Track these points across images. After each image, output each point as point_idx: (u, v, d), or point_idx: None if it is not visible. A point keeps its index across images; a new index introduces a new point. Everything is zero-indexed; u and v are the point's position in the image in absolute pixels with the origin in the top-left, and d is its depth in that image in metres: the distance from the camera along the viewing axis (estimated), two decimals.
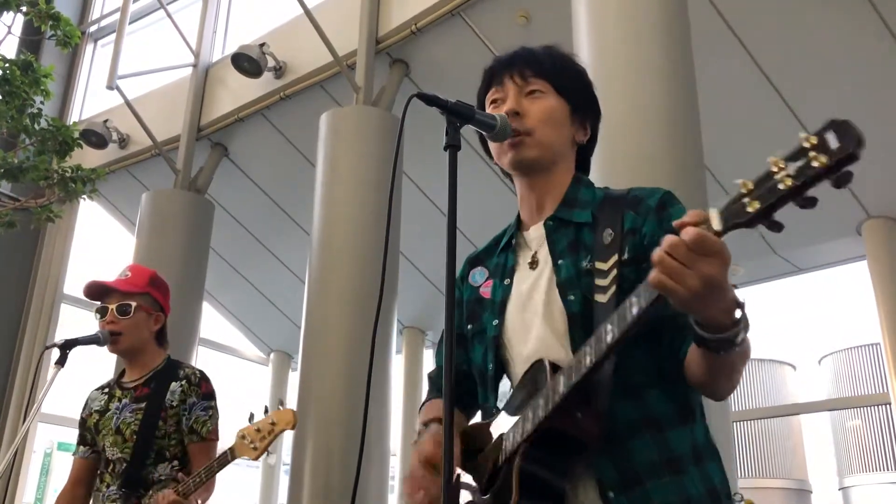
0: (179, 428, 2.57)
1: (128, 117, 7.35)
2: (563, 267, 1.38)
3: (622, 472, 1.25)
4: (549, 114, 1.47)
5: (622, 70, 4.06)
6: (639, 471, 1.24)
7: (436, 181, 6.77)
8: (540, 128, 1.45)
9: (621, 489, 1.24)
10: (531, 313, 1.41)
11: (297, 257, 7.37)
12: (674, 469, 1.25)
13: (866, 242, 6.36)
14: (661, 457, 1.26)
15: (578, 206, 1.44)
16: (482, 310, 1.51)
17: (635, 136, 3.93)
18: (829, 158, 0.91)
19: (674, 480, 1.25)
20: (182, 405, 2.58)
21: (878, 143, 5.76)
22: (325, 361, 5.15)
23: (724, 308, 1.08)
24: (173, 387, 2.60)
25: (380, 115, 5.91)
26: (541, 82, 1.48)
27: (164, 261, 6.88)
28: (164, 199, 7.27)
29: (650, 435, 1.26)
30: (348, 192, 5.54)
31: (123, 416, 2.57)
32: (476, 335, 1.50)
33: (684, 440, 1.29)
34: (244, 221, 8.43)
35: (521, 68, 1.48)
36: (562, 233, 1.43)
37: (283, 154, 7.46)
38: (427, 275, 8.01)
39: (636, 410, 1.27)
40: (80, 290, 2.74)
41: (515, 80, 1.48)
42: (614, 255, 1.32)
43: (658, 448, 1.26)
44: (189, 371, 2.68)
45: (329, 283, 5.36)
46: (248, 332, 10.04)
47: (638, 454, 1.25)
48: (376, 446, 5.03)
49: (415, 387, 8.97)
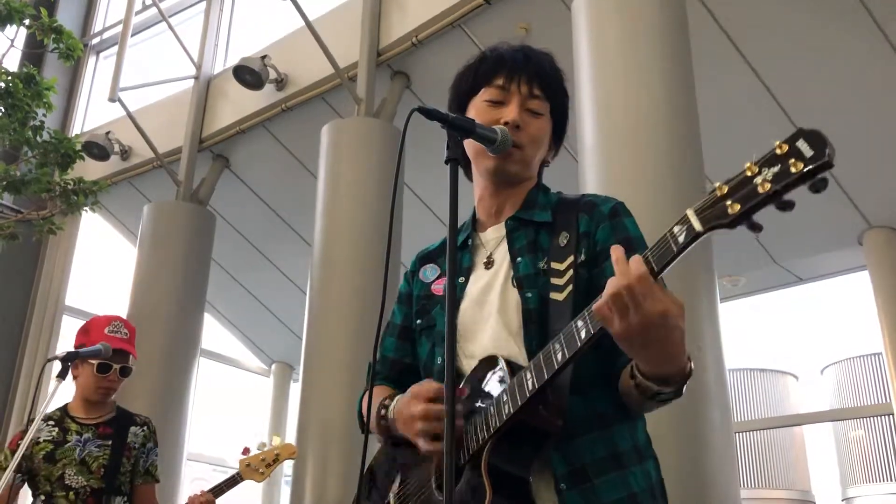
0: (135, 468, 2.83)
1: (130, 129, 7.37)
2: (521, 264, 1.43)
3: (572, 467, 1.30)
4: (542, 136, 1.54)
5: (622, 82, 4.07)
6: (587, 467, 1.30)
7: (437, 193, 6.78)
8: (530, 146, 1.52)
9: (572, 483, 1.29)
10: (486, 311, 1.44)
11: (299, 268, 7.37)
12: (619, 464, 1.31)
13: (867, 252, 6.35)
14: (606, 452, 1.32)
15: (538, 208, 1.51)
16: (432, 305, 1.56)
17: (635, 148, 3.94)
18: (805, 165, 0.97)
19: (619, 475, 1.31)
20: (142, 448, 2.87)
21: (880, 154, 5.78)
22: (326, 373, 5.14)
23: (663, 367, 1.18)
24: (134, 430, 2.86)
25: (381, 126, 5.93)
26: (542, 103, 1.53)
27: (166, 272, 6.89)
28: (165, 210, 7.28)
29: (597, 432, 1.33)
30: (350, 203, 5.55)
31: (89, 450, 2.76)
32: (424, 330, 1.55)
33: (627, 437, 1.35)
34: (246, 232, 8.44)
35: (530, 81, 1.51)
36: (521, 232, 1.48)
37: (285, 165, 7.47)
38: None
39: (585, 407, 1.33)
40: (81, 301, 2.85)
41: (521, 91, 1.51)
42: (570, 257, 1.39)
43: (604, 444, 1.32)
44: (145, 418, 2.96)
45: (330, 294, 5.36)
46: (249, 343, 10.04)
47: (586, 450, 1.31)
48: None
49: None
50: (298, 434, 5.09)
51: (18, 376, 7.88)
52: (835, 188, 6.00)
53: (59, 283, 8.32)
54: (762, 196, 1.00)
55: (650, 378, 1.21)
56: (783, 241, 6.41)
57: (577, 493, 1.29)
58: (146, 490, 2.87)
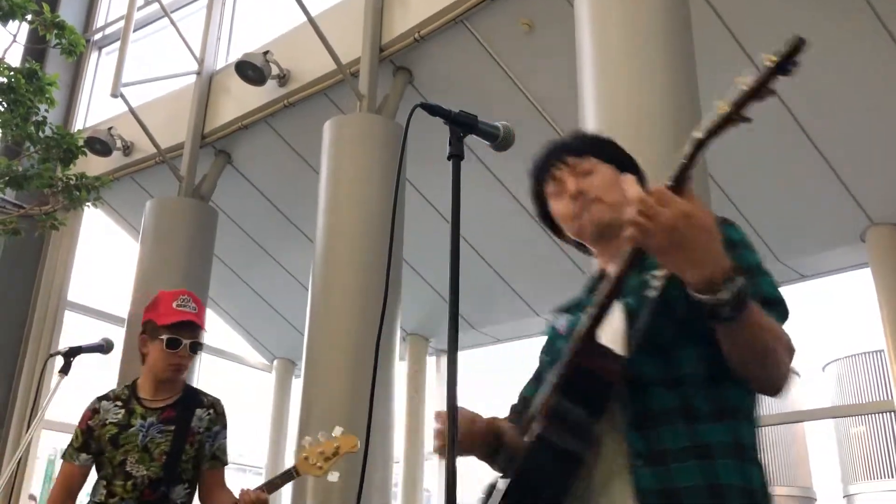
0: (200, 453, 2.70)
1: (132, 125, 7.37)
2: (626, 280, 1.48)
3: (651, 448, 1.34)
4: (605, 181, 1.59)
5: (624, 78, 4.06)
6: (666, 452, 1.33)
7: (440, 189, 6.78)
8: (605, 193, 1.57)
9: (646, 462, 1.33)
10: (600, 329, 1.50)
11: (301, 264, 7.38)
12: (702, 455, 1.32)
13: (870, 249, 6.34)
14: (690, 443, 1.33)
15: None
16: (557, 341, 1.64)
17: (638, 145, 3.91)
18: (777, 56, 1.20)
19: (700, 464, 1.31)
20: (207, 432, 2.73)
21: (883, 150, 5.77)
22: (328, 369, 5.15)
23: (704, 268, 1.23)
24: (199, 413, 2.73)
25: (383, 122, 5.93)
26: (587, 161, 1.61)
27: (168, 268, 6.90)
28: (167, 206, 7.28)
29: (683, 424, 1.35)
30: (352, 199, 5.55)
31: (151, 436, 2.65)
32: (549, 364, 1.61)
33: (718, 434, 1.35)
34: (248, 229, 8.44)
35: (562, 159, 1.62)
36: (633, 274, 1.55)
37: (287, 161, 7.47)
38: (431, 283, 8.02)
39: (673, 400, 1.36)
40: (84, 297, 2.82)
41: (564, 170, 1.61)
42: None
43: (689, 436, 1.34)
44: (213, 399, 2.81)
45: (333, 290, 5.36)
46: (251, 339, 10.05)
47: (668, 438, 1.34)
48: (379, 453, 5.02)
49: (418, 393, 8.97)
50: (300, 430, 5.10)
51: (21, 372, 7.90)
52: (838, 185, 5.99)
53: (61, 278, 8.32)
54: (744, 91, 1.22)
55: (701, 290, 1.24)
56: (786, 239, 6.40)
57: (651, 472, 1.32)
58: (214, 474, 2.74)
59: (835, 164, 5.92)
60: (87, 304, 8.64)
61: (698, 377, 1.37)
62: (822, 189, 5.90)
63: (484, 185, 6.89)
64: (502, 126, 1.61)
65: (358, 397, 4.91)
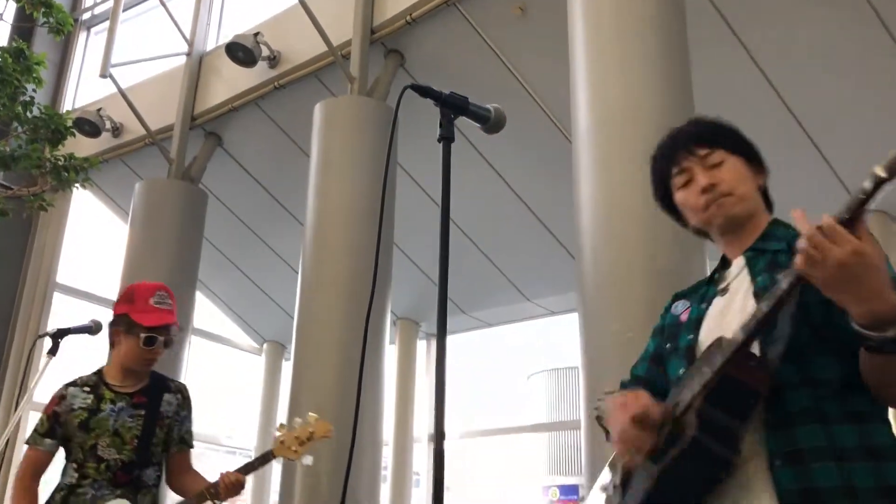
0: (169, 437, 2.78)
1: (121, 106, 7.32)
2: (759, 281, 1.53)
3: (789, 448, 1.37)
4: (736, 175, 1.62)
5: (617, 64, 4.06)
6: (804, 452, 1.36)
7: (431, 173, 6.76)
8: (737, 187, 1.61)
9: (786, 462, 1.36)
10: (726, 324, 1.53)
11: (291, 247, 7.36)
12: (838, 457, 1.36)
13: None
14: (826, 444, 1.37)
15: (774, 240, 1.61)
16: (679, 331, 1.67)
17: (630, 129, 3.93)
18: None
19: (837, 466, 1.35)
20: (176, 416, 2.80)
21: (872, 136, 5.78)
22: (318, 352, 5.15)
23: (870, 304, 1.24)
24: (168, 398, 2.79)
25: (374, 105, 5.90)
26: (716, 152, 1.62)
27: (158, 250, 6.87)
28: (157, 188, 7.24)
29: (819, 425, 1.38)
30: (342, 182, 5.53)
31: (122, 420, 2.68)
32: (673, 352, 1.66)
33: (853, 436, 1.38)
34: (238, 211, 8.41)
35: (692, 146, 1.63)
36: (760, 258, 1.59)
37: (278, 144, 7.44)
38: (421, 267, 8.02)
39: (811, 400, 1.40)
40: (72, 279, 2.82)
41: (693, 160, 1.63)
42: None
43: (825, 437, 1.37)
44: (180, 384, 2.90)
45: (322, 273, 5.35)
46: (241, 322, 10.04)
47: (805, 438, 1.37)
48: (369, 436, 5.04)
49: (408, 377, 8.99)
50: (290, 413, 5.10)
51: (9, 353, 7.87)
52: (826, 170, 6.01)
53: (50, 259, 8.28)
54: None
55: (866, 326, 1.26)
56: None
57: (791, 472, 1.35)
58: (183, 457, 2.83)
59: (821, 146, 5.93)
60: (76, 286, 8.60)
61: (833, 382, 1.41)
62: (806, 170, 5.91)
63: (476, 169, 6.88)
64: (493, 108, 1.60)
65: (347, 380, 4.92)
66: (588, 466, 3.67)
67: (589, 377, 3.77)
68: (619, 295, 3.73)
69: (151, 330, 2.69)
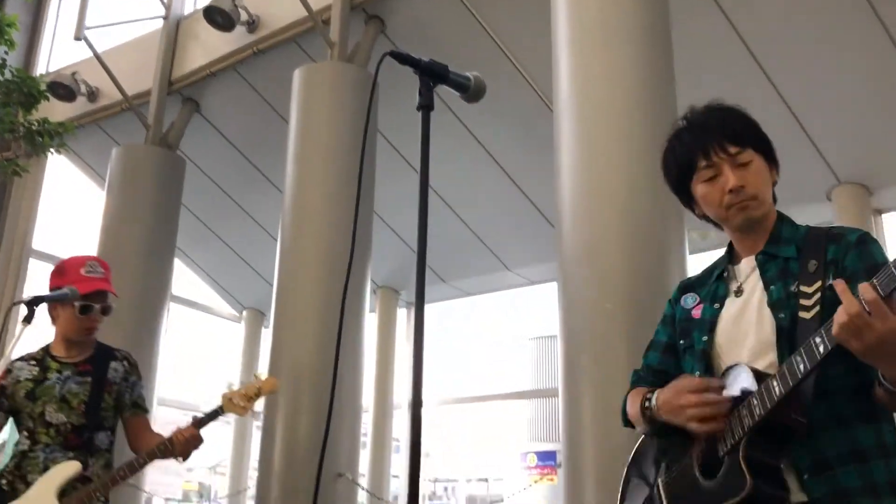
0: (120, 402, 2.87)
1: (97, 70, 7.20)
2: (773, 291, 1.62)
3: (815, 459, 1.49)
4: (763, 177, 1.69)
5: (600, 33, 4.04)
6: (829, 459, 1.49)
7: (412, 142, 6.73)
8: (762, 190, 1.68)
9: (814, 473, 1.49)
10: (743, 331, 1.64)
11: (270, 215, 7.32)
12: (860, 459, 1.49)
13: (836, 209, 6.42)
14: (847, 448, 1.50)
15: (783, 243, 1.69)
16: (692, 328, 1.75)
17: (609, 96, 3.93)
18: None
19: (860, 467, 1.48)
20: (125, 382, 2.90)
21: (852, 109, 5.81)
22: (297, 319, 5.15)
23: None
24: (114, 365, 2.89)
25: (354, 71, 5.84)
26: (746, 152, 1.67)
27: (135, 217, 6.81)
28: (134, 154, 7.15)
29: (839, 430, 1.51)
30: (322, 149, 5.48)
31: (69, 387, 2.79)
32: (687, 349, 1.75)
33: (869, 436, 1.52)
34: (216, 178, 8.34)
35: (724, 146, 1.66)
36: (771, 264, 1.67)
37: (256, 110, 7.36)
38: (402, 235, 8.01)
39: (827, 410, 1.51)
40: (48, 245, 2.85)
41: (724, 157, 1.66)
42: (818, 281, 1.57)
43: (845, 441, 1.50)
44: (125, 353, 2.98)
45: (301, 241, 5.33)
46: (220, 289, 10.00)
47: (828, 446, 1.50)
48: (348, 403, 5.06)
49: (388, 345, 9.02)
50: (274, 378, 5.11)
51: None
52: (805, 143, 6.04)
53: (25, 225, 8.18)
54: None
55: (892, 381, 1.40)
56: None
57: (820, 480, 1.48)
58: (137, 421, 2.91)
59: (804, 122, 5.96)
60: (52, 253, 8.51)
61: (847, 388, 1.52)
62: (790, 147, 5.94)
63: (458, 137, 6.85)
64: (473, 77, 1.59)
65: (326, 348, 4.93)
66: (566, 433, 3.72)
67: (567, 346, 3.80)
68: (598, 264, 3.75)
69: (85, 298, 2.76)
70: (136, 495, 6.29)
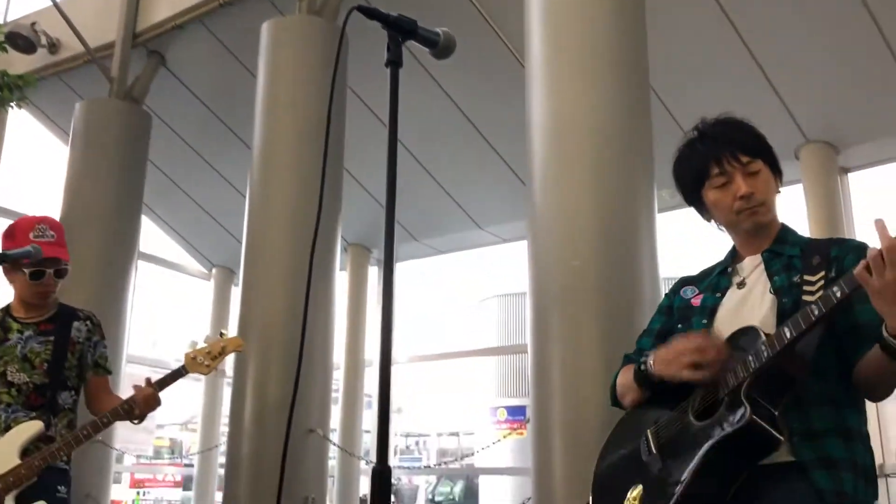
0: (83, 362, 2.86)
1: (58, 21, 7.00)
2: (777, 280, 1.74)
3: (806, 427, 1.62)
4: (771, 186, 1.84)
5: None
6: (818, 430, 1.61)
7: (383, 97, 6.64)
8: (769, 198, 1.83)
9: (803, 438, 1.61)
10: (745, 316, 1.73)
11: (239, 171, 7.23)
12: (845, 436, 1.63)
13: (804, 167, 6.47)
14: (835, 424, 1.63)
15: (788, 244, 1.83)
16: (692, 314, 1.87)
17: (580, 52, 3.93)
18: None
19: (845, 442, 1.62)
20: (88, 342, 2.89)
21: (821, 66, 5.84)
22: (266, 277, 5.13)
23: None
24: (77, 325, 2.87)
25: (323, 25, 5.73)
26: (756, 162, 1.81)
27: (101, 173, 6.70)
28: (98, 108, 7.00)
29: (829, 407, 1.64)
30: (290, 104, 5.41)
31: (30, 346, 2.78)
32: (683, 333, 1.83)
33: (854, 420, 1.66)
34: (183, 133, 8.20)
35: (737, 156, 1.79)
36: (776, 260, 1.80)
37: (223, 64, 7.22)
38: (373, 193, 7.96)
39: (822, 387, 1.64)
40: (9, 201, 2.79)
41: (737, 167, 1.79)
42: (822, 272, 1.69)
43: (834, 418, 1.63)
44: (88, 313, 2.96)
45: (271, 197, 5.29)
46: (189, 247, 9.90)
47: (818, 419, 1.62)
48: (319, 361, 5.07)
49: (360, 302, 9.02)
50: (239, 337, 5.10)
51: None
52: (775, 100, 6.07)
53: None
54: None
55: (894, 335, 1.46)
56: None
57: (808, 446, 1.60)
58: (99, 382, 2.91)
59: (773, 80, 5.97)
60: (15, 209, 8.35)
61: (837, 371, 1.65)
62: (759, 103, 5.96)
63: (429, 94, 6.78)
64: (442, 33, 1.57)
65: (295, 305, 4.92)
66: (535, 388, 3.77)
67: (537, 303, 3.83)
68: (568, 222, 3.77)
69: (35, 264, 2.74)
70: (107, 453, 6.28)
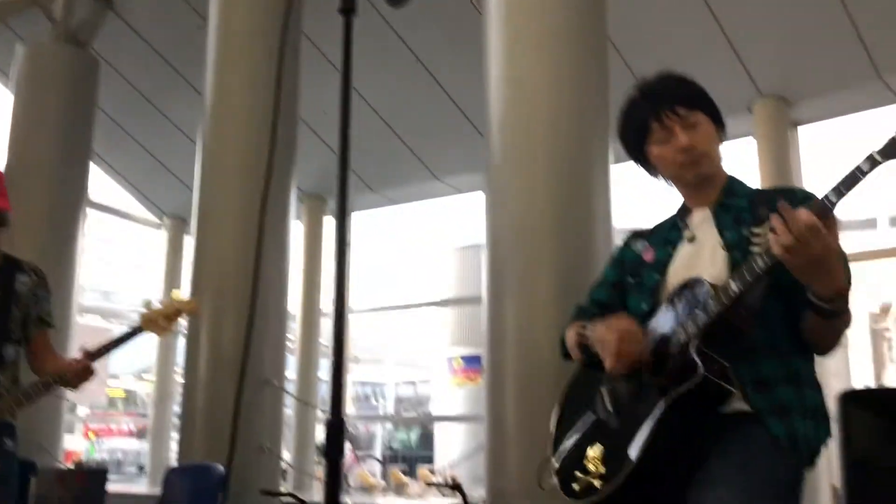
0: (27, 317, 2.78)
1: None
2: (728, 236, 1.77)
3: (757, 378, 1.66)
4: (710, 138, 1.85)
5: None
6: (768, 380, 1.67)
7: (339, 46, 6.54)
8: (711, 149, 1.84)
9: (755, 389, 1.65)
10: (697, 270, 1.75)
11: (190, 118, 7.07)
12: (795, 383, 1.69)
13: (756, 121, 6.55)
14: (785, 373, 1.68)
15: (737, 196, 1.85)
16: (643, 267, 1.90)
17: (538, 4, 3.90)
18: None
19: (795, 389, 1.68)
20: (33, 296, 2.80)
21: (776, 19, 5.88)
22: (219, 227, 5.06)
23: (831, 285, 1.53)
24: (21, 278, 2.79)
25: None
26: (695, 114, 1.82)
27: (46, 120, 6.53)
28: (42, 53, 6.77)
29: (777, 359, 1.68)
30: (243, 50, 5.28)
31: None
32: (636, 287, 1.89)
33: (802, 367, 1.72)
34: (133, 80, 7.98)
35: (675, 106, 1.81)
36: (725, 214, 1.82)
37: (174, 9, 7.02)
38: (328, 142, 7.86)
39: (768, 338, 1.69)
40: None
41: (675, 119, 1.81)
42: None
43: (783, 367, 1.68)
44: (34, 265, 2.87)
45: (223, 146, 5.19)
46: (140, 195, 9.72)
47: (768, 369, 1.67)
48: (274, 312, 5.05)
49: (315, 254, 8.98)
50: (192, 287, 5.05)
51: None
52: (729, 52, 6.11)
53: None
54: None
55: (823, 299, 1.55)
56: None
57: (760, 395, 1.65)
58: (41, 336, 2.84)
59: (730, 35, 6.00)
60: None
61: (784, 321, 1.69)
62: (714, 57, 6.00)
63: (386, 43, 6.68)
64: None
65: (249, 255, 4.85)
66: (489, 338, 3.83)
67: (493, 255, 3.86)
68: (523, 174, 3.78)
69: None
70: (59, 404, 6.22)
